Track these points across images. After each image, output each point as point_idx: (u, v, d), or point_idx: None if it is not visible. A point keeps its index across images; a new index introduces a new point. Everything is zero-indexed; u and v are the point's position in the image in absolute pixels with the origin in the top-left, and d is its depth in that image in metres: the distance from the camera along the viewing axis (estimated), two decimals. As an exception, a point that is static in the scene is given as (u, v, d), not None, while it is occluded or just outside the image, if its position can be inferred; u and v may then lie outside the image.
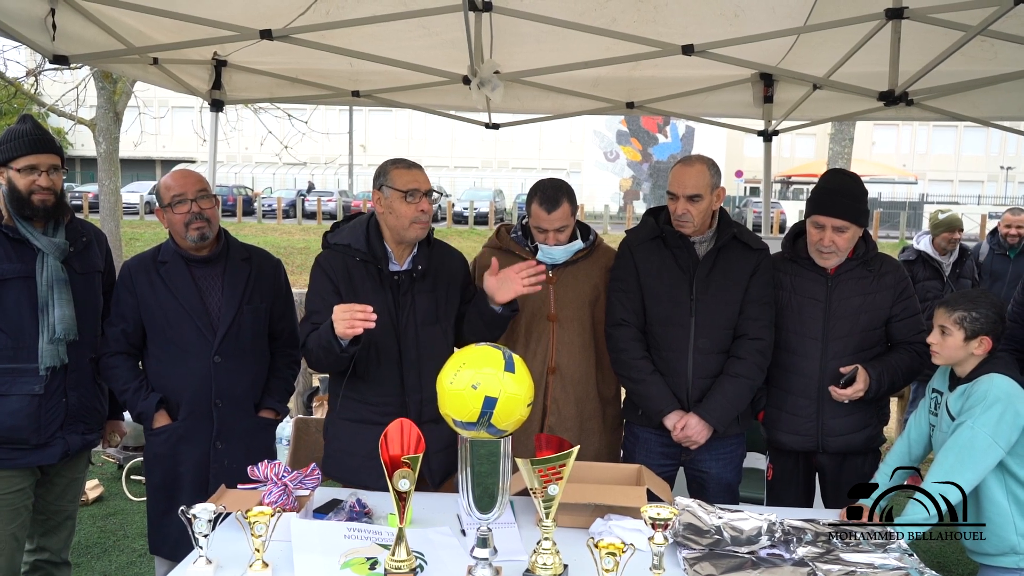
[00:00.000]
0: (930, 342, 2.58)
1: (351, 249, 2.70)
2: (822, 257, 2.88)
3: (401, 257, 2.73)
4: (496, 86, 3.21)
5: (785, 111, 4.66)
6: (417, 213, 2.64)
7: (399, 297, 2.69)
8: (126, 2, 3.19)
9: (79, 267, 2.87)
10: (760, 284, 2.92)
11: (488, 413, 1.86)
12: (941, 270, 5.59)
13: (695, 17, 3.49)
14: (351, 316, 2.38)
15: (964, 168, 44.26)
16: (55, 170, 2.76)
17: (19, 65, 10.63)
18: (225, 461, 2.87)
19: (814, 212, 2.86)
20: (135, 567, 4.09)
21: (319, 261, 2.75)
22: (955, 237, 5.62)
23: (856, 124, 10.69)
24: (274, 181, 39.23)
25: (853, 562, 2.12)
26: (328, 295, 2.66)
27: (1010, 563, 2.48)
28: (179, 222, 2.84)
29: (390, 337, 2.65)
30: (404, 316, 2.67)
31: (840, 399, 2.84)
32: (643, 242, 2.98)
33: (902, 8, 2.86)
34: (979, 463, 2.38)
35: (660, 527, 1.90)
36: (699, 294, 2.88)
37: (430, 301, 2.72)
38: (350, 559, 2.05)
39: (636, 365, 2.91)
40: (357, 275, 2.69)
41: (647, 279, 2.94)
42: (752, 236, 3.00)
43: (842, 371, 2.84)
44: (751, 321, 2.89)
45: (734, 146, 38.24)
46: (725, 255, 2.91)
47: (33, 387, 2.73)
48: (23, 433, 2.72)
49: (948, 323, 2.52)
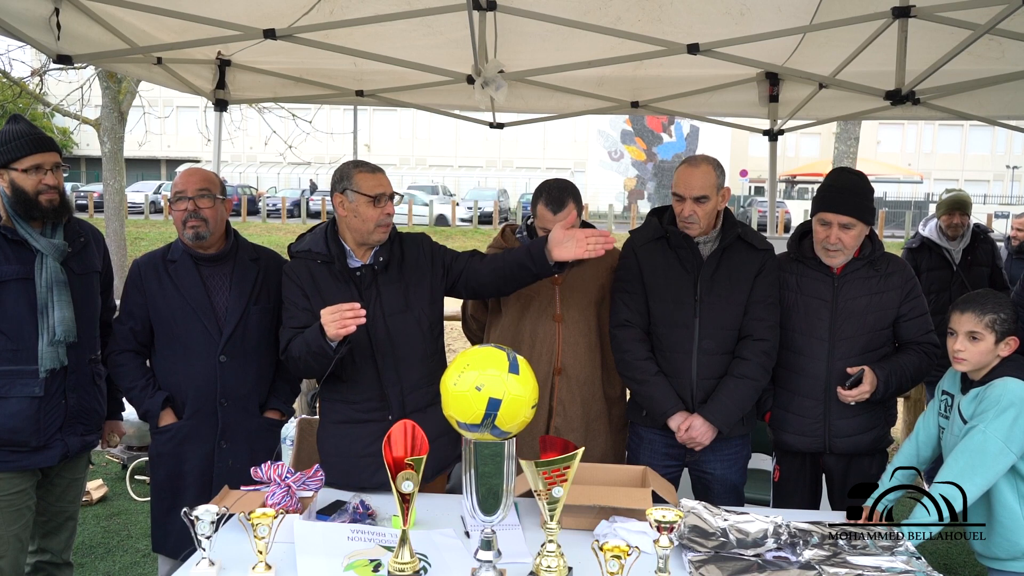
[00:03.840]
0: (957, 349, 2.48)
1: (312, 253, 2.73)
2: (828, 255, 2.86)
3: (363, 255, 2.73)
4: (500, 86, 3.20)
5: (791, 110, 4.64)
6: (383, 216, 2.65)
7: (363, 291, 2.69)
8: (130, 2, 3.19)
9: (77, 268, 2.85)
10: (765, 284, 2.90)
11: (492, 415, 1.85)
12: (950, 257, 5.01)
13: (700, 16, 3.47)
14: (341, 316, 2.40)
15: (970, 167, 44.11)
16: (58, 168, 2.75)
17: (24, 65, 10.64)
18: (229, 461, 2.87)
19: (820, 209, 2.85)
20: (139, 567, 4.09)
21: (285, 271, 2.78)
22: (958, 221, 5.01)
23: (861, 123, 10.66)
24: (278, 181, 39.26)
25: (860, 565, 2.11)
26: (298, 300, 2.69)
27: (1021, 568, 2.45)
28: (178, 219, 2.86)
29: (361, 332, 2.63)
30: (371, 310, 2.66)
31: (847, 400, 2.82)
32: (647, 243, 2.97)
33: (909, 6, 2.84)
34: (990, 468, 2.36)
35: (665, 530, 1.89)
36: (703, 295, 2.87)
37: (398, 291, 2.71)
38: (353, 561, 2.04)
39: (640, 366, 2.90)
40: (320, 277, 2.70)
41: (651, 280, 2.92)
42: (757, 236, 2.98)
43: (849, 371, 2.82)
44: (756, 322, 2.88)
45: (739, 145, 38.17)
46: (729, 255, 2.89)
47: (33, 389, 2.72)
48: (23, 435, 2.71)
49: (980, 328, 2.45)
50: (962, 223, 5.05)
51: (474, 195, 32.54)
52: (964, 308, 2.50)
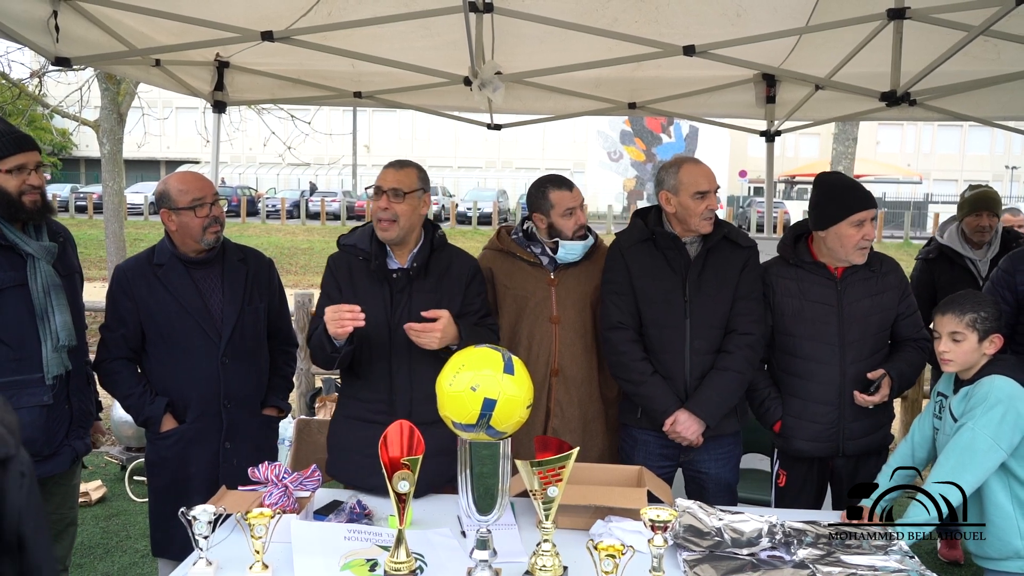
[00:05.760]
0: (942, 351, 2.51)
1: (356, 249, 2.75)
2: (862, 255, 2.87)
3: (402, 257, 2.74)
4: (497, 87, 3.21)
5: (787, 111, 4.65)
6: (377, 210, 2.67)
7: (395, 294, 2.69)
8: (128, 4, 3.20)
9: (62, 269, 2.75)
10: (749, 280, 2.91)
11: (487, 415, 1.86)
12: (974, 269, 4.09)
13: (697, 17, 3.48)
14: (340, 316, 2.44)
15: (969, 168, 44.09)
16: (40, 167, 2.65)
17: (23, 66, 10.63)
18: (234, 461, 2.88)
19: (855, 210, 2.81)
20: (137, 568, 4.10)
21: (328, 262, 2.82)
22: (986, 223, 4.07)
23: (860, 124, 10.66)
24: (278, 182, 39.28)
25: (854, 564, 2.12)
26: (332, 291, 2.73)
27: (1015, 567, 2.46)
28: (198, 225, 2.84)
29: (383, 333, 2.66)
30: (399, 313, 2.67)
31: (866, 404, 2.83)
32: (634, 244, 2.96)
33: (904, 8, 2.85)
34: (980, 465, 2.37)
35: (659, 529, 1.90)
36: (692, 295, 2.87)
37: (430, 301, 2.69)
38: (350, 561, 2.05)
39: (636, 367, 2.89)
40: (357, 273, 2.73)
41: (640, 282, 2.92)
42: (740, 234, 3.00)
43: (870, 376, 2.83)
44: (740, 316, 2.89)
45: (738, 146, 38.20)
46: (715, 254, 2.91)
47: (42, 397, 2.65)
48: (35, 445, 2.62)
49: (960, 328, 2.47)
50: (990, 225, 4.09)
51: (473, 196, 32.56)
52: (945, 310, 2.54)
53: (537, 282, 3.05)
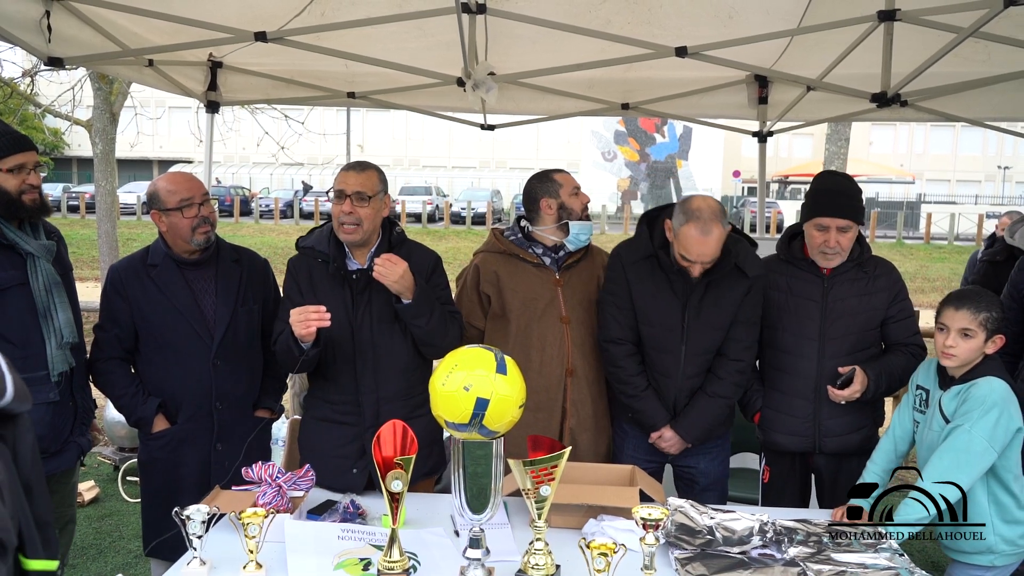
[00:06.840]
0: (948, 345, 2.49)
1: (314, 251, 2.74)
2: (826, 259, 2.87)
3: (361, 257, 2.74)
4: (491, 88, 3.22)
5: (780, 112, 4.67)
6: (340, 214, 2.65)
7: (356, 295, 2.70)
8: (121, 4, 3.20)
9: (58, 267, 2.78)
10: (750, 306, 2.90)
11: (480, 415, 1.87)
12: None
13: (689, 19, 3.49)
14: (306, 317, 2.45)
15: (961, 168, 44.29)
16: (37, 167, 2.68)
17: (15, 65, 10.60)
18: (226, 462, 2.88)
19: (817, 214, 2.84)
20: (131, 568, 4.09)
21: (288, 265, 2.80)
22: None
23: (852, 124, 10.69)
24: (271, 181, 39.19)
25: (844, 562, 2.14)
26: (294, 295, 2.72)
27: (984, 561, 2.51)
28: (187, 226, 2.84)
29: (345, 334, 2.67)
30: (360, 314, 2.68)
31: (837, 400, 2.85)
32: (637, 261, 2.92)
33: (894, 10, 2.87)
34: (975, 467, 2.39)
35: (651, 527, 1.91)
36: (691, 320, 2.86)
37: (391, 299, 2.68)
38: (343, 560, 2.06)
39: (632, 382, 2.93)
40: (317, 275, 2.73)
41: (640, 301, 2.90)
42: (751, 261, 2.87)
43: (840, 371, 2.85)
44: (734, 342, 2.90)
45: (732, 145, 38.23)
46: (718, 281, 2.83)
47: (48, 395, 2.66)
48: (43, 442, 2.62)
49: (974, 325, 2.46)
50: None
51: (467, 196, 32.54)
52: (959, 305, 2.51)
53: (544, 284, 3.03)
